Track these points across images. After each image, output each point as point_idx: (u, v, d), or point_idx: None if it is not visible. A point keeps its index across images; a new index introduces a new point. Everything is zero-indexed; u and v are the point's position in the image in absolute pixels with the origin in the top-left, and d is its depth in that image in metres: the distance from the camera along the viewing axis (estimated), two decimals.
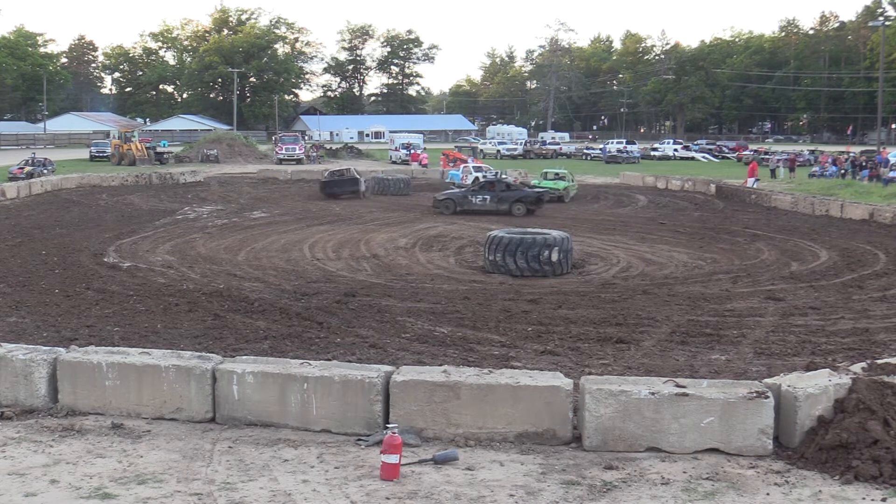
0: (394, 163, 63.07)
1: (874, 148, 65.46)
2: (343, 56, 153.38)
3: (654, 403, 6.92)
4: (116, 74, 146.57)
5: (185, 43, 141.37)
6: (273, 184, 43.93)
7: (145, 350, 8.46)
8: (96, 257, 19.41)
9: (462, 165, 44.43)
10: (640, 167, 60.05)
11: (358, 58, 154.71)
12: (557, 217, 28.67)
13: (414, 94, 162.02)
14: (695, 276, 17.49)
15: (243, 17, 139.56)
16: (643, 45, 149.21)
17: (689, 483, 6.31)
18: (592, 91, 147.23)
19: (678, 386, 7.08)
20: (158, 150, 63.78)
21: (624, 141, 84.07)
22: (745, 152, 72.51)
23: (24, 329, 12.08)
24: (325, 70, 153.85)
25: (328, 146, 78.25)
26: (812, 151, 68.45)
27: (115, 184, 41.25)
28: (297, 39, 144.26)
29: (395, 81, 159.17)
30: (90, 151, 66.17)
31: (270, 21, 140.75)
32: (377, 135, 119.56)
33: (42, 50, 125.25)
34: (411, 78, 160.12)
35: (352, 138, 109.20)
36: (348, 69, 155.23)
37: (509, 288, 16.00)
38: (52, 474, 6.42)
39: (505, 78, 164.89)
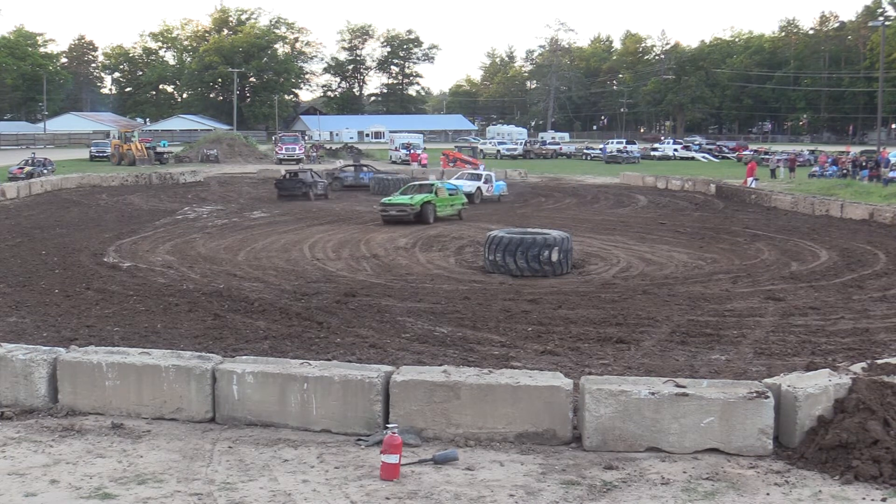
0: (394, 163, 63.08)
1: (874, 148, 65.43)
2: (343, 56, 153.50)
3: (654, 403, 6.92)
4: (116, 74, 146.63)
5: (185, 43, 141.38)
6: (273, 184, 43.87)
7: (145, 350, 8.46)
8: (96, 257, 19.41)
9: (465, 169, 43.55)
10: (640, 167, 60.05)
11: (358, 58, 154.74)
12: (558, 217, 28.69)
13: (414, 94, 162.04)
14: (695, 276, 17.49)
15: (243, 17, 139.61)
16: (643, 45, 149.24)
17: (689, 483, 6.32)
18: (592, 91, 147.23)
19: (678, 386, 7.08)
20: (158, 150, 63.81)
21: (624, 141, 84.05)
22: (744, 152, 72.49)
23: (24, 329, 12.08)
24: (325, 70, 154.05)
25: (328, 146, 78.27)
26: (812, 151, 68.45)
27: (115, 184, 41.27)
28: (297, 39, 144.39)
29: (395, 81, 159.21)
30: (90, 151, 66.20)
31: (270, 21, 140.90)
32: (377, 135, 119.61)
33: (42, 50, 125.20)
34: (411, 78, 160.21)
35: (352, 138, 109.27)
36: (348, 69, 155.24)
37: (509, 288, 16.00)
38: (52, 474, 6.42)
39: (505, 78, 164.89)
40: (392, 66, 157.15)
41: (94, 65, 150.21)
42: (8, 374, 7.97)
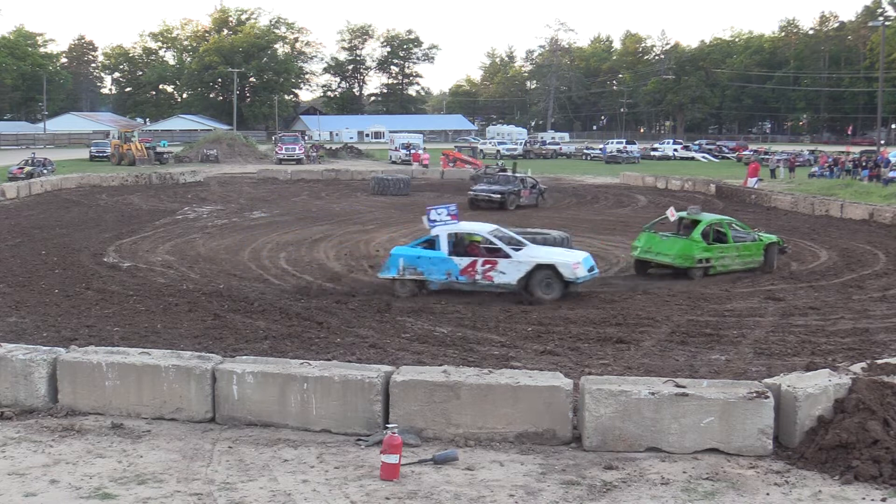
0: (394, 163, 63.01)
1: (874, 148, 65.44)
2: (343, 56, 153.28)
3: (654, 403, 6.92)
4: (116, 74, 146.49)
5: (185, 43, 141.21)
6: (273, 184, 43.91)
7: (145, 350, 8.46)
8: (96, 257, 19.41)
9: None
10: (640, 167, 60.02)
11: (358, 58, 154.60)
12: (557, 217, 28.67)
13: (414, 94, 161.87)
14: None
15: (243, 18, 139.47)
16: (643, 45, 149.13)
17: (689, 483, 6.32)
18: (592, 91, 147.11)
19: (678, 386, 7.09)
20: (158, 150, 63.68)
21: (624, 141, 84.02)
22: (744, 152, 72.48)
23: (24, 329, 12.08)
24: (325, 70, 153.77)
25: (328, 146, 78.20)
26: (812, 151, 68.48)
27: (115, 184, 41.22)
28: (296, 39, 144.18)
29: (394, 81, 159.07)
30: (90, 151, 66.10)
31: (270, 21, 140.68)
32: (377, 135, 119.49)
33: (42, 50, 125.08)
34: (411, 78, 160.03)
35: (352, 138, 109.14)
36: (348, 69, 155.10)
37: None
38: (52, 474, 6.42)
39: (505, 78, 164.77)
40: (392, 66, 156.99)
41: (93, 65, 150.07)
42: (8, 374, 7.97)
